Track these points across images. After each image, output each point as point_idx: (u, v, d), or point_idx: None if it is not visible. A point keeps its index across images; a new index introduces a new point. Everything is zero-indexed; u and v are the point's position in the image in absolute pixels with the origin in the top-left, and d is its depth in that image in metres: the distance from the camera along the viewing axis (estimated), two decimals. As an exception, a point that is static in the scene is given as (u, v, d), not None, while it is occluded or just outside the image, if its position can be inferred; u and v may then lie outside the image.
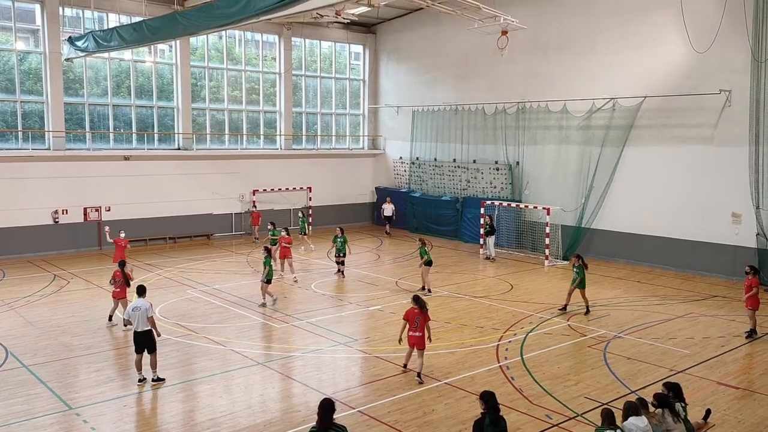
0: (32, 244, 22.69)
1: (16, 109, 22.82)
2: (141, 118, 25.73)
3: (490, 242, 23.09)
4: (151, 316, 11.11)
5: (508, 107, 25.76)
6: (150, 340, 11.10)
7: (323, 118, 31.61)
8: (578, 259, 15.83)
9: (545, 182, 24.62)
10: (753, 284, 13.98)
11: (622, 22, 22.07)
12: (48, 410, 9.99)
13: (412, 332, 11.30)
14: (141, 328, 11.04)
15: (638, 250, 22.06)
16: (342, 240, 19.67)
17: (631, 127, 21.92)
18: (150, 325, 11.09)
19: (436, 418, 9.79)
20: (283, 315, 15.51)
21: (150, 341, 11.10)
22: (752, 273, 14.13)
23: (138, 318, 11.05)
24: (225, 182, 27.23)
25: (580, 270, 15.61)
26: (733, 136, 19.55)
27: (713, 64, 19.56)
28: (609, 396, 10.62)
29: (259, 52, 29.15)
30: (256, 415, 9.95)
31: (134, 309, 11.12)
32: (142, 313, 11.03)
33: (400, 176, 31.28)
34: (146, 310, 11.06)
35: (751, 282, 14.02)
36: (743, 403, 10.52)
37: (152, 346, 11.12)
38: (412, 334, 11.32)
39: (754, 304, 14.00)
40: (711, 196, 20.18)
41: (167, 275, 19.84)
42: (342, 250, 19.66)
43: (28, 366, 11.90)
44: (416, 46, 29.99)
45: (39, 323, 14.68)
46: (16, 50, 22.84)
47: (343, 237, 19.72)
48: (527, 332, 14.26)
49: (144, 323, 11.03)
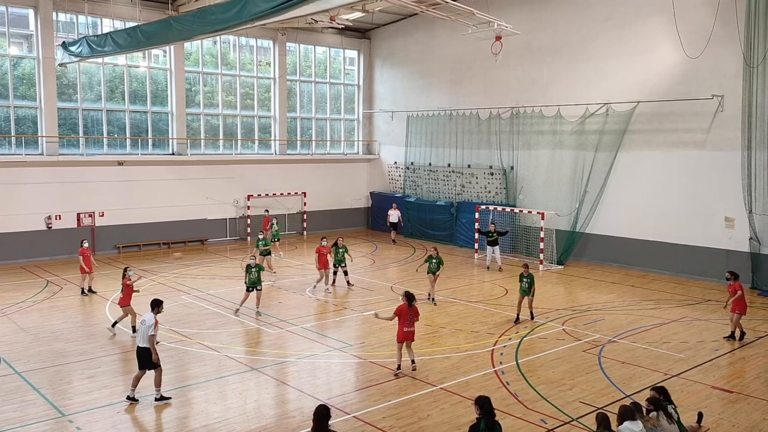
0: (25, 250, 22.57)
1: (9, 114, 22.74)
2: (135, 123, 25.68)
3: (496, 251, 22.01)
4: (151, 334, 10.40)
5: (502, 112, 25.83)
6: (147, 358, 10.49)
7: (318, 123, 31.63)
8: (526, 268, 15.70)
9: (539, 187, 24.68)
10: (737, 288, 13.96)
11: (616, 27, 22.19)
12: (41, 417, 9.92)
13: (407, 328, 11.76)
14: (141, 344, 10.52)
15: (632, 255, 22.12)
16: (343, 250, 18.91)
17: (624, 132, 22.01)
18: (148, 343, 10.44)
19: (431, 423, 9.78)
20: (277, 320, 15.47)
21: (147, 360, 10.49)
22: (733, 278, 14.07)
23: (141, 333, 10.60)
24: (219, 187, 27.18)
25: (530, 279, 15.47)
26: (726, 141, 19.66)
27: (706, 69, 19.68)
28: (604, 400, 10.63)
29: (254, 57, 29.16)
30: (250, 421, 9.91)
31: (141, 322, 10.68)
32: (145, 328, 10.48)
33: (395, 181, 31.30)
34: (148, 327, 10.41)
35: (734, 287, 13.98)
36: (737, 407, 10.54)
37: (151, 365, 10.50)
38: (407, 329, 11.75)
39: (742, 309, 13.98)
40: (704, 200, 20.28)
41: (161, 280, 19.76)
42: (343, 261, 18.91)
43: (21, 372, 11.83)
44: (411, 52, 30.06)
45: (32, 329, 14.59)
46: (10, 55, 22.76)
47: (344, 247, 18.96)
48: (522, 337, 14.26)
49: (144, 339, 10.49)
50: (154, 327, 10.42)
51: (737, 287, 14.01)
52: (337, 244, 18.95)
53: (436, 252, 17.67)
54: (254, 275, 15.86)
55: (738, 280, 14.18)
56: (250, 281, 15.87)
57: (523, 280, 15.52)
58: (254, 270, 15.91)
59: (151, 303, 10.82)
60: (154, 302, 10.83)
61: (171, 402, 10.55)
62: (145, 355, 10.51)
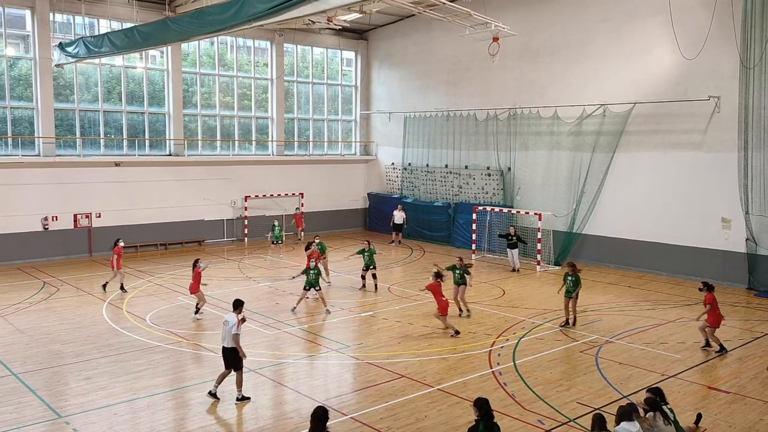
0: (21, 251, 22.51)
1: (6, 115, 22.68)
2: (132, 124, 25.64)
3: (514, 254, 22.12)
4: (235, 333, 10.44)
5: (499, 113, 25.86)
6: (233, 358, 10.53)
7: (315, 124, 31.61)
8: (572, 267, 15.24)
9: (537, 188, 24.70)
10: (708, 301, 13.30)
11: (613, 28, 22.23)
12: (37, 418, 9.89)
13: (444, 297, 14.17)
14: (227, 345, 10.52)
15: (629, 256, 22.15)
16: (369, 253, 18.61)
17: (621, 133, 22.05)
18: (233, 342, 10.48)
19: (429, 425, 9.77)
20: (275, 321, 15.45)
21: (233, 359, 10.54)
22: (706, 289, 13.36)
23: (225, 333, 10.56)
24: (217, 188, 27.14)
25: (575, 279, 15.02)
26: (723, 142, 19.71)
27: (702, 70, 19.73)
28: (601, 401, 10.64)
29: (251, 58, 29.14)
30: (248, 422, 9.90)
31: (224, 323, 10.62)
32: (228, 329, 10.48)
33: (392, 182, 31.30)
34: (232, 327, 10.44)
35: (706, 299, 13.34)
36: (734, 408, 10.56)
37: (237, 365, 10.56)
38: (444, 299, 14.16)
39: (713, 322, 13.26)
40: (701, 201, 20.32)
41: (158, 281, 19.73)
42: (371, 263, 18.59)
43: (17, 374, 11.79)
44: (408, 53, 30.08)
45: (28, 331, 14.55)
46: (6, 56, 22.71)
47: (371, 249, 18.66)
48: (519, 338, 14.27)
49: (229, 340, 10.49)
50: (237, 326, 10.51)
51: (707, 299, 13.29)
52: (365, 247, 18.77)
53: (461, 262, 16.30)
54: (312, 276, 16.25)
55: (712, 292, 13.34)
56: (308, 282, 16.26)
57: (568, 279, 15.06)
58: (312, 272, 16.32)
59: (233, 303, 10.92)
60: (236, 302, 10.90)
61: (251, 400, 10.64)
62: (231, 355, 10.56)
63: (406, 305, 17.11)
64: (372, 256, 18.71)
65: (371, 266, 18.72)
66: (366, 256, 18.70)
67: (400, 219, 27.34)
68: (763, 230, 19.04)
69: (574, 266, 15.32)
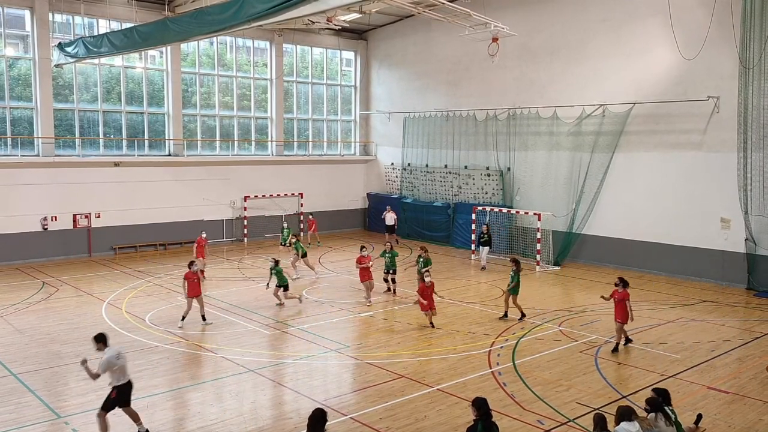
0: (21, 251, 22.51)
1: (5, 115, 22.68)
2: (131, 124, 25.63)
3: (483, 252, 22.61)
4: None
5: (499, 113, 25.86)
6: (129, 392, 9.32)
7: (315, 125, 31.61)
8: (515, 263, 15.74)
9: (536, 188, 24.71)
10: (617, 296, 13.22)
11: (613, 29, 22.24)
12: (37, 419, 9.90)
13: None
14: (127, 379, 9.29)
15: (628, 256, 22.15)
16: (390, 255, 18.36)
17: (620, 133, 22.05)
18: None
19: (428, 425, 9.77)
20: (274, 321, 15.45)
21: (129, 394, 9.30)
22: (621, 285, 13.25)
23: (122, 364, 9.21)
24: (216, 188, 27.14)
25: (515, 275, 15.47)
26: (722, 142, 19.71)
27: (702, 70, 19.74)
28: (600, 401, 10.64)
29: (251, 58, 29.13)
30: (247, 422, 9.89)
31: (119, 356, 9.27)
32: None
33: (392, 182, 31.30)
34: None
35: (616, 293, 13.26)
36: (733, 408, 10.56)
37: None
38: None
39: (623, 317, 13.17)
40: (700, 201, 20.32)
41: (157, 282, 19.73)
42: (392, 266, 18.35)
43: (16, 374, 11.79)
44: (408, 53, 30.08)
45: (28, 331, 14.55)
46: (6, 56, 22.71)
47: (392, 252, 18.52)
48: (519, 338, 14.27)
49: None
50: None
51: (619, 295, 13.18)
52: (386, 249, 18.68)
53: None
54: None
55: (626, 289, 13.20)
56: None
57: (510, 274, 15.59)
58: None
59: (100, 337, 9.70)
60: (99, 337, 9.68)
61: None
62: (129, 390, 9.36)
63: (406, 305, 17.11)
64: (393, 258, 18.58)
65: (392, 269, 18.49)
66: (387, 258, 18.49)
67: (391, 220, 26.74)
68: (762, 230, 19.05)
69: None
